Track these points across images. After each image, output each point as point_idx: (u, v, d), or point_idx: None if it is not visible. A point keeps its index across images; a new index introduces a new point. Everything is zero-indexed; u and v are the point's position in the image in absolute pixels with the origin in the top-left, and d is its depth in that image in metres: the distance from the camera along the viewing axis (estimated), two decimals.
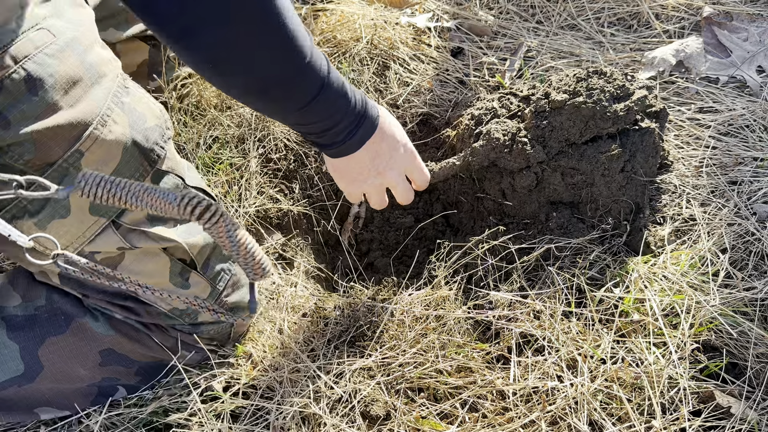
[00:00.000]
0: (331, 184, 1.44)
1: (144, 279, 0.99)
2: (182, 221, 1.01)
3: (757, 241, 1.16)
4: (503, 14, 1.70)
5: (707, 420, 0.95)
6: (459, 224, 1.42)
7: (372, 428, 0.98)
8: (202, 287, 1.05)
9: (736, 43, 1.52)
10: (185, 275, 1.03)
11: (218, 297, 1.06)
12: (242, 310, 1.12)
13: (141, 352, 1.07)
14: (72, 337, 1.03)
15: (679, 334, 1.02)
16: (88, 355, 1.04)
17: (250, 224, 1.33)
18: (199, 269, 1.04)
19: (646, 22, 1.63)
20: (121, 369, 1.07)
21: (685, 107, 1.42)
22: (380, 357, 1.05)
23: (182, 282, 1.03)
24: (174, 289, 1.02)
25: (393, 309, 1.12)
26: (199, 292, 1.05)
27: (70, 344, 1.03)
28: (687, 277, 1.10)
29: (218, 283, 1.07)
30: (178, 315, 1.05)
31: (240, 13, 0.74)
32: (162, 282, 1.01)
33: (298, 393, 1.02)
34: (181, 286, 1.03)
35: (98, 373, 1.06)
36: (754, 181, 1.25)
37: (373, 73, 1.50)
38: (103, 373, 1.06)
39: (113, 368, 1.06)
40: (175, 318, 1.05)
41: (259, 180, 1.37)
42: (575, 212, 1.26)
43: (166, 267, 1.01)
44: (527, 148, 1.21)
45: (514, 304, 1.10)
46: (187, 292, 1.03)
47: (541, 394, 0.98)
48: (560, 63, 1.53)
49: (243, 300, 1.11)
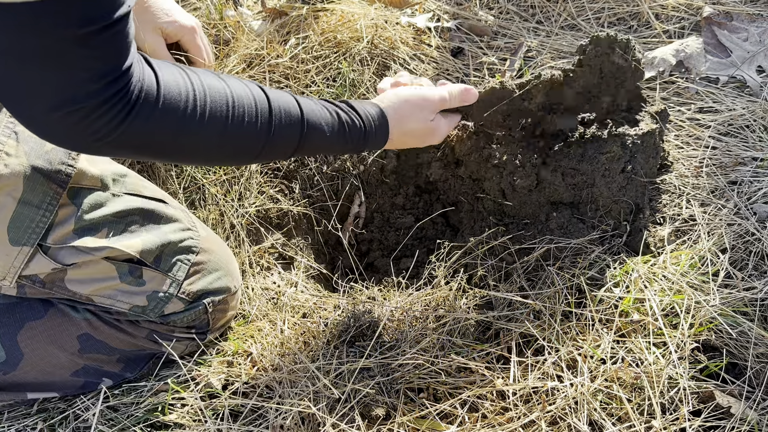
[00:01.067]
0: (331, 184, 1.44)
1: (95, 286, 1.01)
2: (114, 228, 1.01)
3: (757, 241, 1.16)
4: (503, 14, 1.70)
5: (707, 420, 0.95)
6: (459, 224, 1.42)
7: (372, 428, 0.98)
8: (158, 280, 1.04)
9: (736, 43, 1.52)
10: (136, 273, 1.02)
11: (180, 286, 1.06)
12: (213, 294, 1.10)
13: (120, 338, 1.07)
14: (50, 322, 1.04)
15: (679, 334, 1.02)
16: (67, 340, 1.05)
17: (250, 224, 1.33)
18: (150, 264, 1.04)
19: (646, 22, 1.63)
20: (102, 357, 1.08)
21: (685, 107, 1.42)
22: (380, 357, 1.05)
23: (135, 280, 1.02)
24: (129, 289, 1.02)
25: (393, 309, 1.12)
26: (156, 285, 1.04)
27: (48, 329, 1.04)
28: (687, 277, 1.10)
29: (176, 272, 1.06)
30: (140, 312, 1.05)
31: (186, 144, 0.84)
32: (114, 285, 1.01)
33: (298, 393, 1.02)
34: (136, 284, 1.03)
35: (79, 359, 1.06)
36: (754, 181, 1.25)
37: (373, 73, 1.50)
38: (84, 360, 1.07)
39: (94, 356, 1.07)
40: (138, 315, 1.05)
41: (259, 180, 1.37)
42: (575, 212, 1.26)
43: (113, 270, 1.01)
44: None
45: (514, 304, 1.10)
46: (143, 289, 1.03)
47: (541, 395, 0.98)
48: (560, 63, 1.53)
49: (211, 286, 1.10)
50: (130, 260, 1.02)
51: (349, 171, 1.44)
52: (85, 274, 1.00)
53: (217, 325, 1.14)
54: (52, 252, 0.97)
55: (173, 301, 1.06)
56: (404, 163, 1.47)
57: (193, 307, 1.08)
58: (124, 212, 1.03)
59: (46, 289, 1.01)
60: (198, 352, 1.13)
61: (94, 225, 0.99)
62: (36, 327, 1.04)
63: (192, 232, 1.10)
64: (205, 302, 1.09)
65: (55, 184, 0.95)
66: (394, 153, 1.46)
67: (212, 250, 1.12)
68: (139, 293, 1.03)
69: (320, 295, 1.26)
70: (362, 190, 1.46)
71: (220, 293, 1.11)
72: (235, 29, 1.55)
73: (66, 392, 1.10)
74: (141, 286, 1.03)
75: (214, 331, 1.14)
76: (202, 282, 1.09)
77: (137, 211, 1.04)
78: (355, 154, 1.07)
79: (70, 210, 0.98)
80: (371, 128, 1.06)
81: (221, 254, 1.14)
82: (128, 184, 1.07)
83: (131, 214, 1.04)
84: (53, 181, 0.95)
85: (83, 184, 1.00)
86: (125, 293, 1.03)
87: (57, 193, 0.96)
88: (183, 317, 1.08)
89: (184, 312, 1.08)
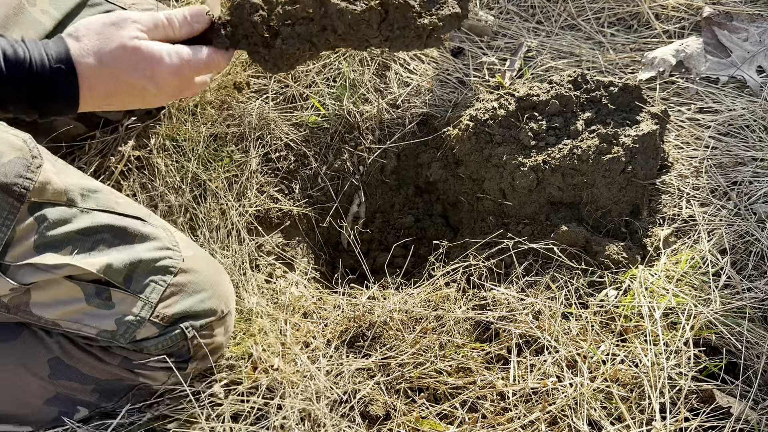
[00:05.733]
0: (332, 183, 1.44)
1: (61, 309, 0.94)
2: (80, 246, 0.93)
3: (757, 241, 1.16)
4: (503, 14, 1.70)
5: (707, 420, 0.95)
6: (459, 224, 1.42)
7: (372, 428, 0.98)
8: (128, 302, 0.95)
9: (736, 43, 1.52)
10: (103, 294, 0.94)
11: (153, 309, 0.96)
12: (193, 318, 1.00)
13: (93, 364, 1.00)
14: (21, 344, 0.98)
15: (679, 334, 1.02)
16: (37, 363, 0.99)
17: (250, 224, 1.33)
18: (120, 285, 0.95)
19: (646, 22, 1.63)
20: (75, 385, 1.01)
21: (685, 107, 1.42)
22: (380, 357, 1.05)
23: (104, 302, 0.95)
24: (97, 312, 0.95)
25: (393, 309, 1.12)
26: (126, 308, 0.95)
27: (18, 351, 0.98)
28: (687, 277, 1.10)
29: (149, 294, 0.96)
30: (109, 337, 0.96)
31: None
32: (80, 308, 0.94)
33: (298, 393, 1.02)
34: (104, 307, 0.95)
35: (50, 385, 1.00)
36: (754, 181, 1.25)
37: (373, 74, 1.50)
38: (56, 387, 1.00)
39: (66, 383, 1.00)
40: (107, 340, 0.97)
41: (260, 179, 1.37)
42: (575, 213, 1.26)
43: (78, 291, 0.94)
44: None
45: (513, 305, 1.10)
46: (112, 312, 0.95)
47: (542, 395, 0.98)
48: (560, 63, 1.53)
49: (192, 309, 1.00)
50: (97, 281, 0.94)
51: (350, 171, 1.44)
52: (49, 296, 0.93)
53: (200, 353, 1.02)
54: (11, 270, 0.90)
55: (145, 326, 0.96)
56: (404, 163, 1.47)
57: (168, 332, 0.98)
58: (91, 229, 0.95)
59: (11, 314, 0.94)
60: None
61: (56, 242, 0.92)
62: (6, 348, 0.98)
63: (171, 252, 1.00)
64: (182, 326, 0.99)
65: (12, 198, 0.89)
66: (394, 153, 1.46)
67: (197, 270, 1.02)
68: (107, 316, 0.95)
69: (320, 295, 1.26)
70: (362, 190, 1.46)
71: (202, 317, 1.00)
72: None
73: (39, 426, 1.02)
74: (110, 309, 0.95)
75: (197, 361, 1.03)
76: (180, 305, 0.99)
77: (107, 228, 0.96)
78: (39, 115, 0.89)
79: (30, 225, 0.91)
80: (44, 68, 0.83)
81: (208, 274, 1.04)
82: (100, 199, 0.98)
83: (100, 232, 0.95)
84: (9, 194, 0.88)
85: (46, 198, 0.92)
86: (92, 317, 0.95)
87: (14, 207, 0.89)
88: (157, 343, 0.98)
89: (158, 337, 0.98)
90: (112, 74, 0.87)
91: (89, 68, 0.86)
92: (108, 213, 0.98)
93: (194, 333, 1.00)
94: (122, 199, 1.03)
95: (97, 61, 0.86)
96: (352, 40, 0.99)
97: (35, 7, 1.10)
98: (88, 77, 0.85)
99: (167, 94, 0.95)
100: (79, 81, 0.85)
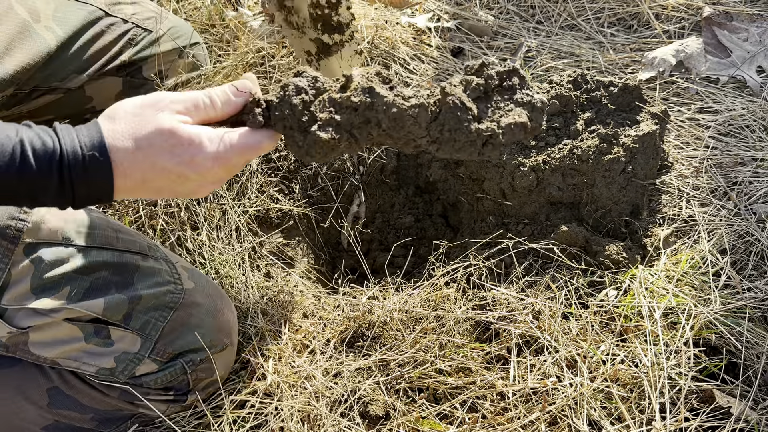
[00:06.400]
0: (332, 183, 1.44)
1: (60, 349, 0.93)
2: (78, 286, 0.92)
3: (757, 241, 1.16)
4: (503, 14, 1.70)
5: (707, 420, 0.95)
6: (459, 224, 1.42)
7: (371, 428, 0.98)
8: (128, 340, 0.95)
9: (736, 43, 1.52)
10: (102, 333, 0.94)
11: (153, 345, 0.96)
12: (193, 353, 1.00)
13: (92, 395, 1.00)
14: (21, 373, 0.98)
15: (679, 334, 1.02)
16: (36, 392, 0.98)
17: (250, 224, 1.33)
18: (119, 323, 0.95)
19: (646, 22, 1.63)
20: (73, 414, 1.01)
21: (685, 107, 1.42)
22: (379, 357, 1.05)
23: (102, 341, 0.94)
24: (96, 350, 0.94)
25: (392, 309, 1.11)
26: (127, 346, 0.95)
27: (17, 379, 0.98)
28: (687, 277, 1.10)
29: (149, 331, 0.96)
30: (108, 375, 0.96)
31: None
32: (79, 346, 0.93)
33: (298, 393, 1.02)
34: (103, 345, 0.94)
35: (48, 413, 1.00)
36: (754, 181, 1.25)
37: None
38: (55, 416, 1.00)
39: (64, 412, 1.00)
40: (106, 378, 0.97)
41: (260, 179, 1.37)
42: (575, 213, 1.26)
43: (77, 331, 0.93)
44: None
45: (513, 305, 1.10)
46: (111, 350, 0.94)
47: (542, 395, 0.98)
48: (560, 63, 1.53)
49: (192, 344, 0.99)
50: (96, 320, 0.94)
51: (350, 171, 1.44)
52: (48, 336, 0.93)
53: (200, 385, 1.03)
54: (8, 314, 0.90)
55: (145, 362, 0.96)
56: (404, 163, 1.47)
57: (168, 367, 0.98)
58: (89, 268, 0.94)
59: (9, 353, 0.94)
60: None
61: (53, 283, 0.91)
62: (4, 376, 0.97)
63: (173, 286, 0.99)
64: (182, 361, 0.98)
65: (6, 240, 0.89)
66: (394, 152, 1.45)
67: (198, 303, 1.01)
68: (106, 354, 0.95)
69: (320, 295, 1.26)
70: (362, 190, 1.46)
71: (202, 351, 1.00)
72: (235, 30, 1.55)
73: None
74: (109, 346, 0.94)
75: (197, 392, 1.02)
76: (180, 341, 0.99)
77: (105, 266, 0.95)
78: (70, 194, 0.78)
79: (26, 268, 0.90)
80: (77, 157, 0.76)
81: (209, 308, 1.03)
82: (97, 236, 0.97)
83: (98, 270, 0.94)
84: (2, 237, 0.88)
85: (41, 238, 0.91)
86: (91, 355, 0.94)
87: (8, 250, 0.89)
88: (157, 378, 0.98)
89: (158, 373, 0.98)
90: (146, 158, 0.79)
91: (124, 153, 0.78)
92: (106, 250, 0.96)
93: (194, 368, 1.00)
94: (123, 232, 1.00)
95: (132, 145, 0.78)
96: (397, 137, 0.87)
97: (39, 23, 1.10)
98: (121, 163, 0.78)
99: (211, 182, 0.85)
100: (113, 168, 0.78)
